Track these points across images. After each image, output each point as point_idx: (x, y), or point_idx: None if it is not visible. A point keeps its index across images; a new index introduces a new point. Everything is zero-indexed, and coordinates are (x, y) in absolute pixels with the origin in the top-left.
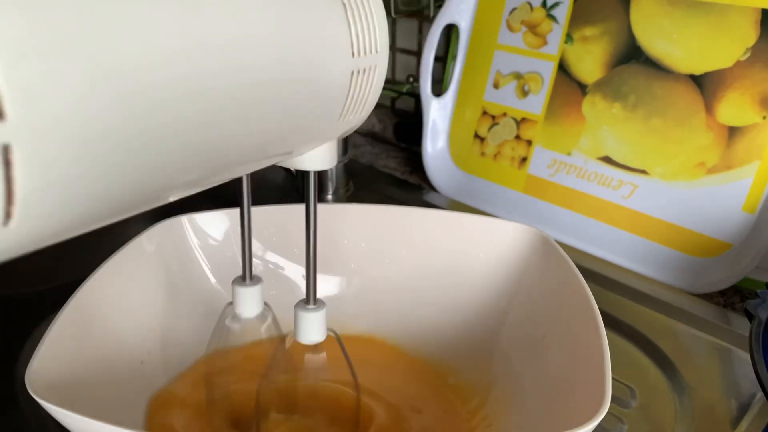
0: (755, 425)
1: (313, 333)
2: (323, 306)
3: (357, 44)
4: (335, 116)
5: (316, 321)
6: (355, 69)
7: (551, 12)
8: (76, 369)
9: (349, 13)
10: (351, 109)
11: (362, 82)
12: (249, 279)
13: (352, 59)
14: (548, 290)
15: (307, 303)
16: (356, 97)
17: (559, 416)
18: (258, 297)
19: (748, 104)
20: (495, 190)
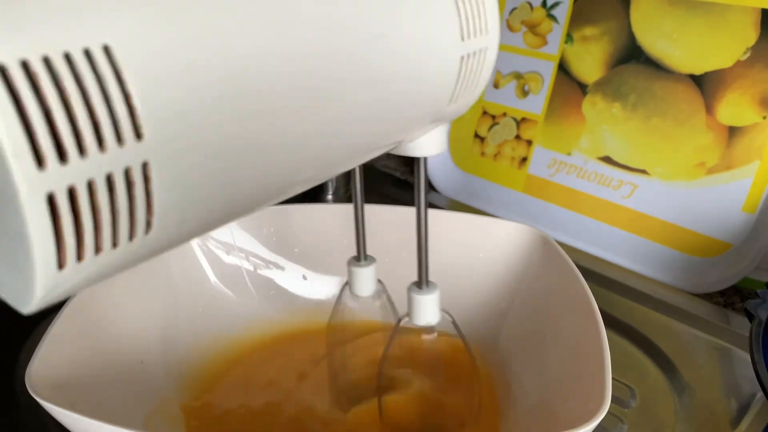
0: (755, 425)
1: (429, 315)
2: (436, 287)
3: (466, 27)
4: (445, 101)
5: (431, 302)
6: (464, 53)
7: (551, 12)
8: (76, 369)
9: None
10: (461, 93)
11: (472, 65)
12: (363, 259)
13: (462, 43)
14: (548, 290)
15: (420, 286)
16: (466, 81)
17: (559, 416)
18: (373, 276)
19: (748, 104)
20: (495, 190)
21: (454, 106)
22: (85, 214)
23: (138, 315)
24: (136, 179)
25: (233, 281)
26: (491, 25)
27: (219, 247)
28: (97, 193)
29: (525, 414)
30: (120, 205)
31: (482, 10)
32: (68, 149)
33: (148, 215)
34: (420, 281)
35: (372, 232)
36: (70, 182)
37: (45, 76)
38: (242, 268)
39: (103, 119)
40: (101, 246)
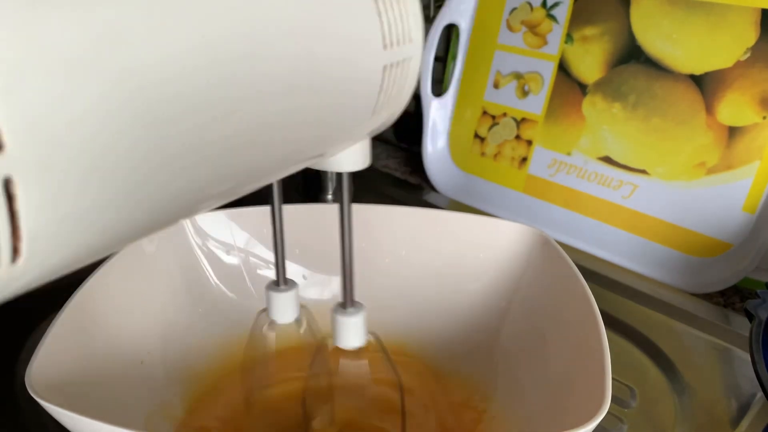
0: (755, 425)
1: (353, 337)
2: (362, 308)
3: (389, 35)
4: (367, 113)
5: (355, 325)
6: (387, 63)
7: (551, 12)
8: (76, 369)
9: (380, 3)
10: (384, 105)
11: (395, 75)
12: (283, 283)
13: (384, 52)
14: (548, 290)
15: (345, 306)
16: (389, 92)
17: (559, 416)
18: (294, 302)
19: (748, 104)
20: (495, 190)
21: (376, 117)
22: None
23: (138, 315)
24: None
25: (233, 281)
26: (415, 33)
27: (219, 247)
28: None
29: (525, 414)
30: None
31: (405, 17)
32: None
33: (14, 239)
34: (345, 301)
35: (372, 232)
36: None
37: None
38: (242, 268)
39: None
40: None
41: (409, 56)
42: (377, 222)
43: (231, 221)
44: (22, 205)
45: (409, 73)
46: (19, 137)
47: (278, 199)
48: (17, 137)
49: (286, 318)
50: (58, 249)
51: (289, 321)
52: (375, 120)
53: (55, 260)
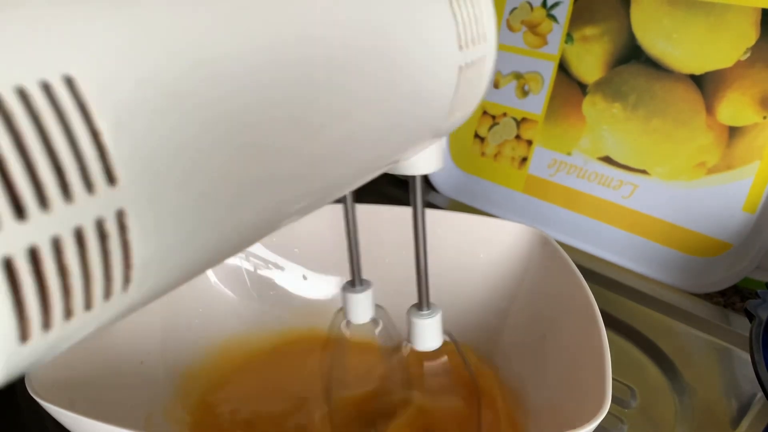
0: (755, 425)
1: (430, 339)
2: (438, 310)
3: (464, 36)
4: (443, 114)
5: (431, 327)
6: (462, 63)
7: (551, 12)
8: (76, 369)
9: (455, 4)
10: (459, 106)
11: (471, 75)
12: (359, 284)
13: (459, 53)
14: (548, 290)
15: (420, 308)
16: (464, 92)
17: (559, 416)
18: (369, 302)
19: (748, 104)
20: (495, 190)
21: (452, 119)
22: (51, 277)
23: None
24: (110, 231)
25: (233, 281)
26: (489, 32)
27: None
28: (64, 252)
29: (525, 414)
30: (92, 262)
31: (480, 17)
32: (27, 203)
33: (126, 270)
34: (420, 303)
35: (372, 231)
36: (30, 242)
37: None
38: (242, 268)
39: (69, 165)
40: (72, 310)
41: (483, 55)
42: (377, 222)
43: None
44: (134, 236)
45: (484, 72)
46: (130, 170)
47: (351, 199)
48: (128, 170)
49: (362, 318)
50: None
51: (365, 321)
52: (451, 121)
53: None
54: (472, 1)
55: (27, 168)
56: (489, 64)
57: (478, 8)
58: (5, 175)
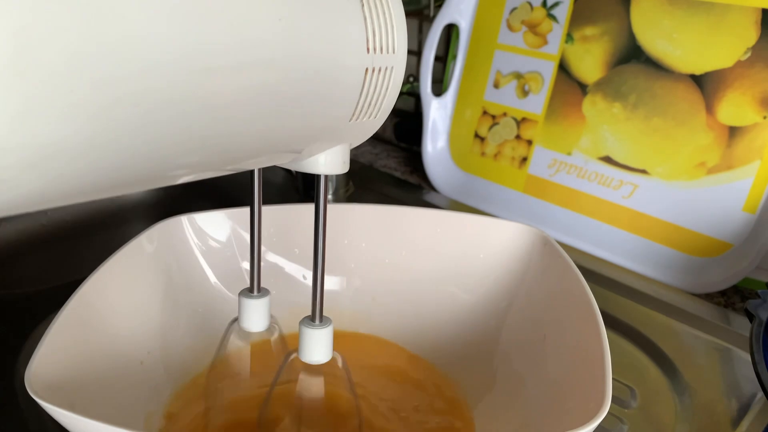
0: (755, 425)
1: (318, 353)
2: (329, 323)
3: (373, 40)
4: (347, 115)
5: (321, 339)
6: (369, 66)
7: (551, 12)
8: (76, 369)
9: (366, 9)
10: (364, 111)
11: (377, 81)
12: (257, 291)
13: (367, 55)
14: (548, 290)
15: (313, 320)
16: (370, 98)
17: (559, 416)
18: (265, 311)
19: (748, 104)
20: (495, 190)
21: (355, 124)
22: None
23: (138, 315)
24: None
25: (233, 281)
26: (399, 46)
27: (219, 247)
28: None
29: (525, 414)
30: None
31: (390, 29)
32: None
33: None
34: (314, 314)
35: (372, 231)
36: None
37: None
38: (242, 268)
39: None
40: None
41: (391, 65)
42: (377, 222)
43: (231, 221)
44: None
45: (391, 83)
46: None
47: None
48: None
49: (257, 327)
50: (29, 175)
51: (259, 330)
52: (354, 126)
53: (24, 188)
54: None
55: None
56: (397, 75)
57: (390, 19)
58: None
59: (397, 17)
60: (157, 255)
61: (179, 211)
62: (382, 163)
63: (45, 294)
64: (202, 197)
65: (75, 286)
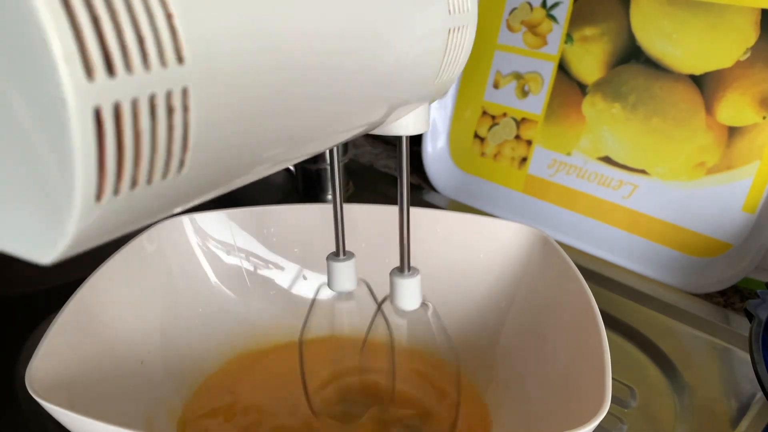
0: (755, 425)
1: (412, 298)
2: (418, 272)
3: (452, 2)
4: (432, 75)
5: (413, 286)
6: (451, 26)
7: (551, 12)
8: (76, 369)
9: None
10: (448, 69)
11: (457, 40)
12: (343, 254)
13: (449, 16)
14: (548, 290)
15: (402, 270)
16: (452, 56)
17: (559, 416)
18: (352, 271)
19: (748, 104)
20: (495, 190)
21: (439, 82)
22: (127, 137)
23: (138, 315)
24: (176, 105)
25: (233, 281)
26: (470, 4)
27: (219, 247)
28: (140, 114)
29: (525, 414)
30: (160, 132)
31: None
32: (116, 62)
33: (183, 152)
34: (402, 265)
35: (372, 231)
36: (116, 97)
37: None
38: (242, 268)
39: (148, 35)
40: (138, 179)
41: (467, 23)
42: (377, 222)
43: (231, 221)
44: (193, 118)
45: (467, 39)
46: (195, 54)
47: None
48: (195, 54)
49: (347, 287)
50: (210, 165)
51: (348, 290)
52: (437, 84)
53: (205, 175)
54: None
55: (116, 32)
56: (471, 31)
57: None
58: (100, 34)
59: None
60: (158, 255)
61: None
62: (382, 163)
63: (45, 294)
64: None
65: (75, 286)
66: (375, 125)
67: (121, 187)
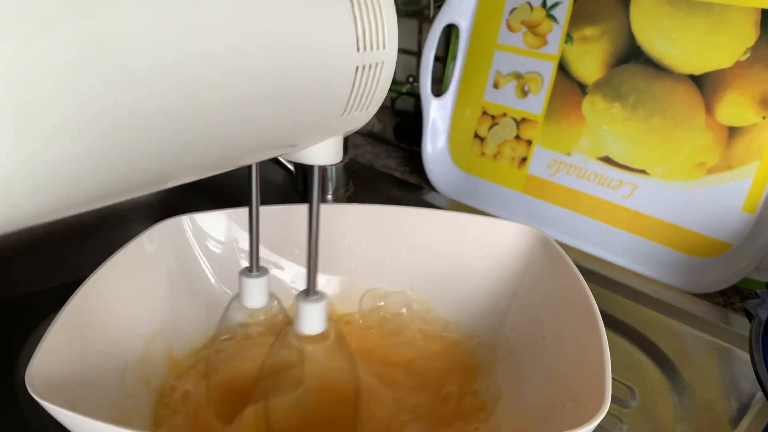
0: (755, 425)
1: (314, 323)
2: (324, 297)
3: (363, 39)
4: (338, 111)
5: (316, 311)
6: (360, 64)
7: (551, 12)
8: (76, 369)
9: (356, 8)
10: (355, 105)
11: (368, 77)
12: (255, 270)
13: (357, 54)
14: (548, 290)
15: (308, 294)
16: (361, 93)
17: (559, 416)
18: (264, 288)
19: (747, 104)
20: (495, 190)
21: (347, 118)
22: None
23: (138, 315)
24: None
25: (233, 281)
26: (389, 41)
27: (219, 247)
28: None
29: (525, 414)
30: None
31: (380, 25)
32: None
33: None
34: (308, 289)
35: (372, 231)
36: None
37: None
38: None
39: None
40: None
41: (381, 61)
42: (377, 222)
43: (231, 221)
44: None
45: (382, 77)
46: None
47: (256, 183)
48: None
49: (256, 303)
50: (28, 195)
51: (259, 307)
52: (346, 119)
53: (24, 206)
54: (374, 9)
55: None
56: (387, 70)
57: (379, 16)
58: None
59: (387, 13)
60: (158, 255)
61: (179, 211)
62: (382, 164)
63: (45, 294)
64: (202, 197)
65: (75, 286)
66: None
67: None
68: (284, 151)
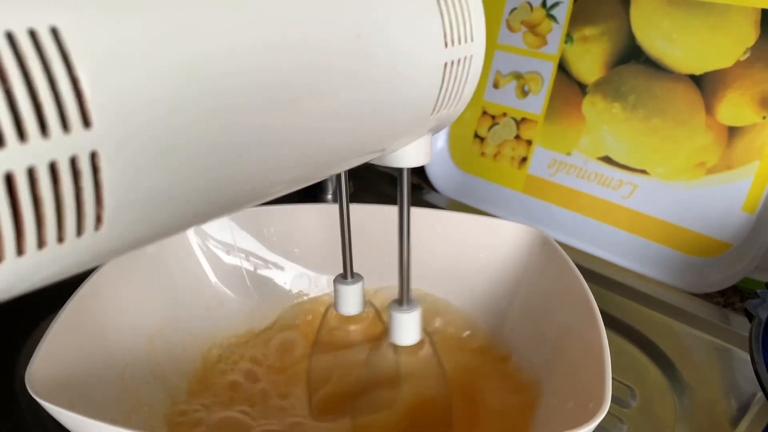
0: (755, 425)
1: (410, 334)
2: (418, 306)
3: (450, 34)
4: (428, 110)
5: (411, 321)
6: (448, 60)
7: (551, 12)
8: (76, 369)
9: (442, 2)
10: (445, 102)
11: (456, 73)
12: (350, 277)
13: (445, 50)
14: (548, 290)
15: (401, 304)
16: (451, 89)
17: (559, 416)
18: (359, 295)
19: (748, 104)
20: (495, 190)
21: (437, 116)
22: (24, 204)
23: (138, 315)
24: (83, 169)
25: (233, 281)
26: (477, 33)
27: (219, 247)
28: (38, 182)
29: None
30: (65, 195)
31: (467, 17)
32: (5, 133)
33: (98, 209)
34: (401, 299)
35: (372, 232)
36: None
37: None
38: (242, 268)
39: (47, 104)
40: (45, 240)
41: (470, 54)
42: (377, 222)
43: (231, 221)
44: (106, 177)
45: (471, 72)
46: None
47: (345, 188)
48: (105, 116)
49: (352, 310)
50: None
51: (355, 313)
52: (436, 117)
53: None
54: (460, 1)
55: (8, 102)
56: (476, 63)
57: (466, 9)
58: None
59: (473, 3)
60: (158, 255)
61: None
62: None
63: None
64: None
65: (75, 286)
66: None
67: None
68: (373, 157)
